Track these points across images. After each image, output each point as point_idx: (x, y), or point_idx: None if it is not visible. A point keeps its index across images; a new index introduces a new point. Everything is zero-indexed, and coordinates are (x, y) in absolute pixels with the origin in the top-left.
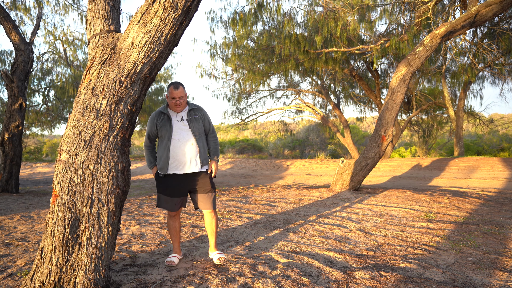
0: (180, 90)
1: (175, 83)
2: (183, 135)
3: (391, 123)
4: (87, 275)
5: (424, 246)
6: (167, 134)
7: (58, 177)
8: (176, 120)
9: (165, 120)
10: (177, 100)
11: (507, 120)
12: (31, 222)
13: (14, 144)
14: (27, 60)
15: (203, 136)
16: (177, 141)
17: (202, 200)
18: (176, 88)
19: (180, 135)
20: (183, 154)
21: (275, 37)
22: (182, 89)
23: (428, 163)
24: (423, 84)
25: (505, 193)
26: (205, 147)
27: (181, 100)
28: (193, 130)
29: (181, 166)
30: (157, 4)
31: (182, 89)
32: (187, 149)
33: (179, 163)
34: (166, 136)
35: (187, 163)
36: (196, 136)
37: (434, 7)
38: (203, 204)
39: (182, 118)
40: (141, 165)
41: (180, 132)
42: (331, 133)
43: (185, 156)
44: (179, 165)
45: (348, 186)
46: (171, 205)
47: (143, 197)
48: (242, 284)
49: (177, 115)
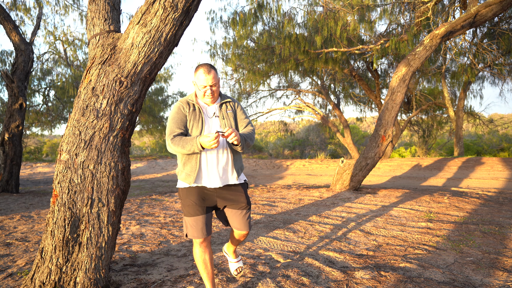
0: (212, 75)
1: (206, 65)
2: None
3: (391, 123)
4: (87, 275)
5: (424, 246)
6: (198, 131)
7: (58, 177)
8: (207, 116)
9: (195, 114)
10: (210, 89)
11: (507, 120)
12: (31, 222)
13: (14, 144)
14: (27, 60)
15: None
16: None
17: (236, 219)
18: (207, 71)
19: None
20: (215, 163)
21: (275, 37)
22: (215, 73)
23: (428, 163)
24: (423, 84)
25: (505, 193)
26: (240, 156)
27: (214, 89)
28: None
29: (213, 177)
30: (157, 4)
31: (215, 73)
32: (220, 155)
33: (210, 174)
34: (197, 133)
35: (220, 174)
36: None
37: (434, 7)
38: (238, 223)
39: (214, 113)
40: (141, 165)
41: (215, 129)
42: (331, 133)
43: (217, 166)
44: (210, 177)
45: (348, 186)
46: (196, 228)
47: (143, 197)
48: (242, 284)
49: (208, 108)
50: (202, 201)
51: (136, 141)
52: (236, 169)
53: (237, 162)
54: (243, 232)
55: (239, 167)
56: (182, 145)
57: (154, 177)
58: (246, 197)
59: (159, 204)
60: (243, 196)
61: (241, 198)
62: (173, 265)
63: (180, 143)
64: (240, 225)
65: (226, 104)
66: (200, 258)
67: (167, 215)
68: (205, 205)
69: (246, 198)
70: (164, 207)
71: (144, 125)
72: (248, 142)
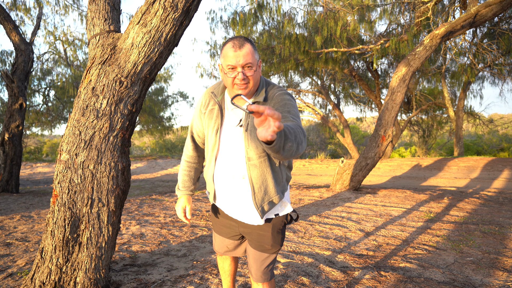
0: (247, 51)
1: (237, 38)
2: (236, 149)
3: (391, 123)
4: (87, 275)
5: (424, 246)
6: (212, 142)
7: (58, 177)
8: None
9: (211, 117)
10: (242, 73)
11: (506, 120)
12: (31, 222)
13: (15, 144)
14: (27, 60)
15: (266, 161)
16: (225, 158)
17: (252, 261)
18: (239, 45)
19: (231, 148)
20: (229, 189)
21: (275, 37)
22: (251, 49)
23: (428, 163)
24: (423, 84)
25: (505, 193)
26: (273, 181)
27: (250, 74)
28: (246, 146)
29: (229, 206)
30: (157, 4)
31: (251, 49)
32: (235, 182)
33: (226, 200)
34: (210, 145)
35: (235, 205)
36: (250, 161)
37: (434, 7)
38: (251, 267)
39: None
40: (141, 165)
41: (231, 143)
42: (331, 133)
43: (232, 194)
44: (227, 203)
45: (348, 186)
46: (215, 243)
47: (143, 197)
48: (242, 284)
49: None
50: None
51: (136, 141)
52: (261, 203)
53: (267, 192)
54: (256, 284)
55: (270, 199)
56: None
57: (154, 177)
58: (273, 236)
59: (159, 204)
60: (269, 237)
61: (263, 238)
62: (173, 265)
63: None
64: (254, 271)
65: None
66: (219, 265)
67: (167, 215)
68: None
69: (272, 239)
70: (164, 207)
71: (144, 125)
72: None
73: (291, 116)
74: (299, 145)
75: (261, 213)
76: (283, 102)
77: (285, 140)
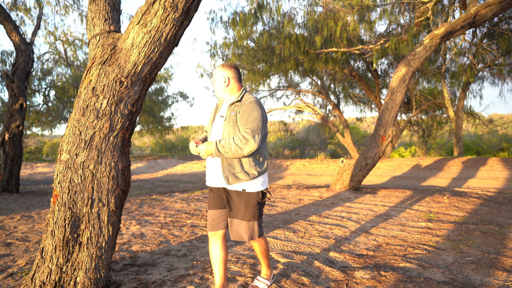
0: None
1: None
2: (218, 133)
3: (391, 123)
4: (87, 274)
5: (423, 246)
6: (209, 129)
7: (58, 177)
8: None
9: (214, 111)
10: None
11: (506, 120)
12: (31, 222)
13: (15, 144)
14: (28, 60)
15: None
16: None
17: (229, 227)
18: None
19: (214, 135)
20: (211, 164)
21: (275, 37)
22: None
23: (428, 163)
24: (422, 84)
25: (505, 193)
26: (238, 160)
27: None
28: (223, 130)
29: (209, 177)
30: (157, 4)
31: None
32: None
33: (208, 173)
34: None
35: (213, 174)
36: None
37: (434, 7)
38: (230, 230)
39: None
40: (141, 165)
41: (215, 132)
42: (331, 133)
43: (210, 166)
44: (209, 175)
45: (348, 186)
46: (209, 221)
47: (143, 197)
48: (242, 284)
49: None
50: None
51: (136, 141)
52: (226, 174)
53: (231, 167)
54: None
55: (233, 172)
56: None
57: (154, 177)
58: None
59: (159, 204)
60: (242, 208)
61: (238, 209)
62: (173, 265)
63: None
64: (232, 232)
65: (235, 104)
66: (210, 253)
67: (167, 215)
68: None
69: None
70: (164, 207)
71: (144, 125)
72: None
73: (246, 126)
74: (242, 149)
75: (226, 180)
76: (247, 111)
77: (221, 154)
